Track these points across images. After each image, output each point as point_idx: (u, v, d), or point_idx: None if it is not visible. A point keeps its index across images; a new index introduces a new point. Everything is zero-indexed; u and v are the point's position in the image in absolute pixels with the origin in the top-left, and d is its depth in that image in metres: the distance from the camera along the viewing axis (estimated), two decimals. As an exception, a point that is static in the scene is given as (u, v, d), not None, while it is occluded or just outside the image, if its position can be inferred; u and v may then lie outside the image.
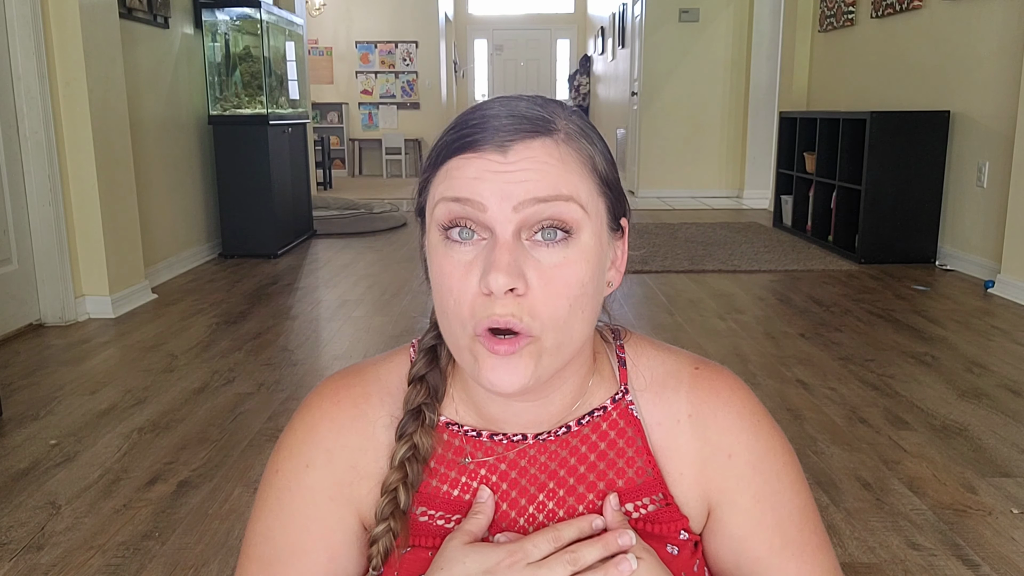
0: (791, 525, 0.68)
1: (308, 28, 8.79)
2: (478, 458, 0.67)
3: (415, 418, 0.66)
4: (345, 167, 11.21)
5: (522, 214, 0.57)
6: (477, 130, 0.58)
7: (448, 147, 0.60)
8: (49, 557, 1.61)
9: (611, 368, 0.70)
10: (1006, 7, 3.87)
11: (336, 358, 2.92)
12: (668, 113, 7.97)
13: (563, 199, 0.57)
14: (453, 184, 0.58)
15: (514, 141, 0.58)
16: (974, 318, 3.33)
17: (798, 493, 0.69)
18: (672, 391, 0.69)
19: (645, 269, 4.37)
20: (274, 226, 4.81)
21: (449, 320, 0.60)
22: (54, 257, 3.29)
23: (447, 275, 0.59)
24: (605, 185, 0.62)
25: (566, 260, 0.58)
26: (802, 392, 2.50)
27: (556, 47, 13.41)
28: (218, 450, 2.11)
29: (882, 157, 4.38)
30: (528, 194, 0.57)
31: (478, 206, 0.57)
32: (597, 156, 0.61)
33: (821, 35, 6.04)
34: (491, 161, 0.57)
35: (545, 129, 0.59)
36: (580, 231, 0.58)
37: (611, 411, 0.68)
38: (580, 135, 0.61)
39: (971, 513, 1.75)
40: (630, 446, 0.67)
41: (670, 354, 0.72)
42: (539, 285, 0.57)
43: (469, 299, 0.58)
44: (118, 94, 3.54)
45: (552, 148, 0.58)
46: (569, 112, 0.62)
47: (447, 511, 0.66)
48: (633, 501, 0.66)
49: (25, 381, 2.64)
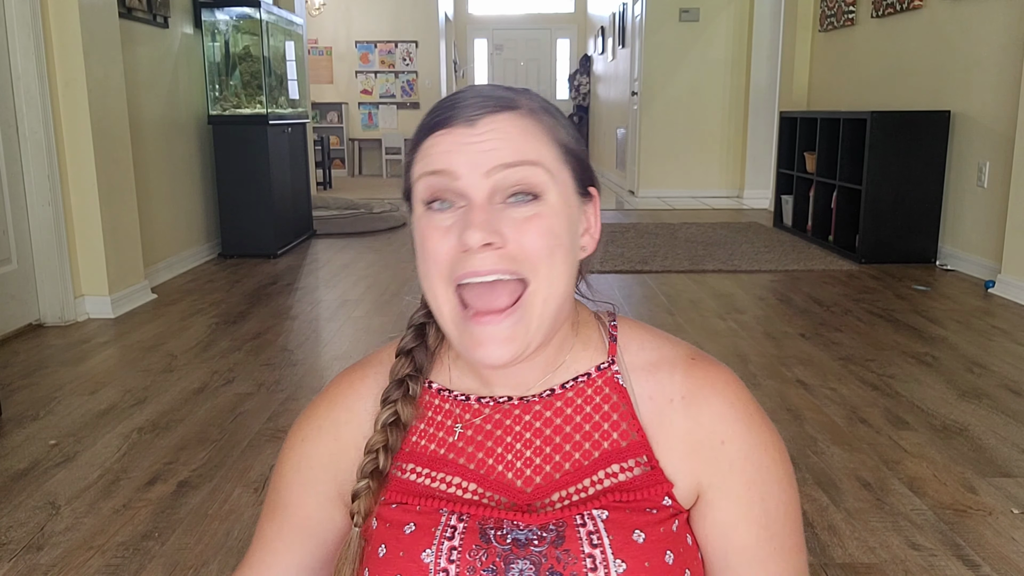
0: (776, 520, 0.69)
1: (308, 28, 8.79)
2: (468, 423, 0.71)
3: (398, 387, 0.72)
4: (345, 167, 11.21)
5: (492, 179, 0.63)
6: (447, 110, 0.66)
7: (424, 128, 0.67)
8: (49, 557, 1.61)
9: (601, 341, 0.73)
10: (1006, 7, 3.87)
11: (336, 358, 2.92)
12: (668, 113, 7.96)
13: (528, 163, 0.64)
14: (429, 160, 0.65)
15: (481, 115, 0.64)
16: (974, 318, 3.33)
17: (784, 489, 0.69)
18: (667, 373, 0.71)
19: (645, 269, 4.37)
20: (274, 226, 4.81)
21: (432, 282, 0.66)
22: (54, 257, 3.29)
23: (427, 238, 0.65)
24: (568, 154, 0.67)
25: (537, 214, 0.64)
26: (802, 392, 2.50)
27: (556, 47, 13.40)
28: (218, 450, 2.11)
29: (882, 157, 4.38)
30: (496, 160, 0.63)
31: (452, 175, 0.63)
32: (559, 128, 0.67)
33: (821, 35, 6.04)
34: (461, 134, 0.64)
35: (509, 105, 0.65)
36: (547, 192, 0.65)
37: (596, 378, 0.71)
38: (542, 111, 0.67)
39: (971, 513, 1.75)
40: (615, 411, 0.70)
41: (667, 341, 0.74)
42: (515, 237, 0.63)
43: (448, 256, 0.64)
44: (118, 94, 3.54)
45: (516, 119, 0.65)
46: (531, 94, 0.68)
47: (432, 468, 0.70)
48: (618, 462, 0.68)
49: (25, 381, 2.64)
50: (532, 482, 0.68)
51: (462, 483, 0.69)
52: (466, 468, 0.70)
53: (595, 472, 0.68)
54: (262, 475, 1.96)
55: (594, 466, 0.68)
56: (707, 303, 3.65)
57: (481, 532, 0.65)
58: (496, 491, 0.68)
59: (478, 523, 0.66)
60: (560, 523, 0.65)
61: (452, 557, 0.65)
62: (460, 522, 0.66)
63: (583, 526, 0.64)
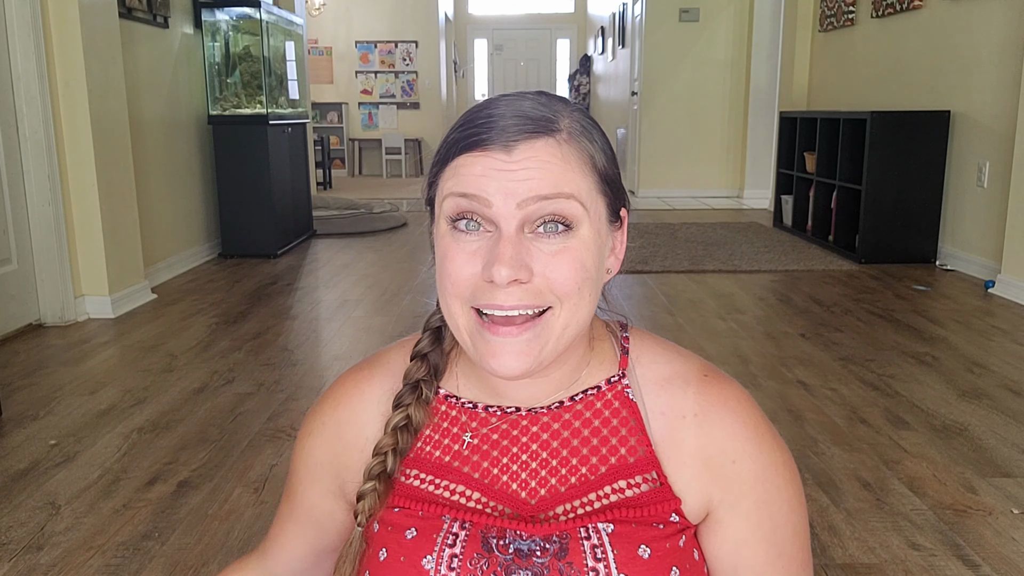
0: (785, 539, 0.69)
1: (308, 28, 8.78)
2: (476, 431, 0.70)
3: (412, 391, 0.71)
4: (345, 167, 11.21)
5: (525, 210, 0.60)
6: (484, 129, 0.62)
7: (456, 144, 0.63)
8: (49, 557, 1.61)
9: (613, 354, 0.72)
10: (1006, 7, 3.87)
11: (336, 358, 2.92)
12: (668, 113, 7.96)
13: (564, 196, 0.61)
14: (460, 180, 0.62)
15: (519, 141, 0.61)
16: (974, 318, 3.33)
17: (794, 509, 0.69)
18: (679, 389, 0.70)
19: (645, 269, 4.37)
20: (274, 226, 4.81)
21: (448, 300, 0.64)
22: (54, 257, 3.29)
23: (451, 260, 0.63)
24: (604, 183, 0.65)
25: (566, 248, 0.62)
26: (802, 392, 2.50)
27: (556, 47, 13.40)
28: (218, 450, 2.11)
29: (882, 157, 4.38)
30: (531, 192, 0.60)
31: (484, 202, 0.61)
32: (597, 154, 0.64)
33: (821, 35, 6.04)
34: (497, 160, 0.61)
35: (548, 129, 0.62)
36: (579, 226, 0.62)
37: (606, 391, 0.70)
38: (582, 133, 0.64)
39: (971, 513, 1.75)
40: (624, 425, 0.69)
41: (679, 355, 0.73)
42: (542, 272, 0.61)
43: (470, 280, 0.62)
44: (118, 94, 3.54)
45: (555, 148, 0.62)
46: (572, 109, 0.65)
47: (437, 475, 0.70)
48: (626, 478, 0.67)
49: (25, 381, 2.64)
50: (537, 494, 0.68)
51: (466, 491, 0.69)
52: (470, 477, 0.69)
53: (601, 487, 0.67)
54: (262, 475, 1.96)
55: (600, 481, 0.67)
56: (707, 303, 3.65)
57: (483, 540, 0.65)
58: (500, 501, 0.68)
59: (480, 531, 0.65)
60: (564, 535, 0.64)
61: (453, 564, 0.64)
62: (462, 530, 0.66)
63: (587, 539, 0.64)
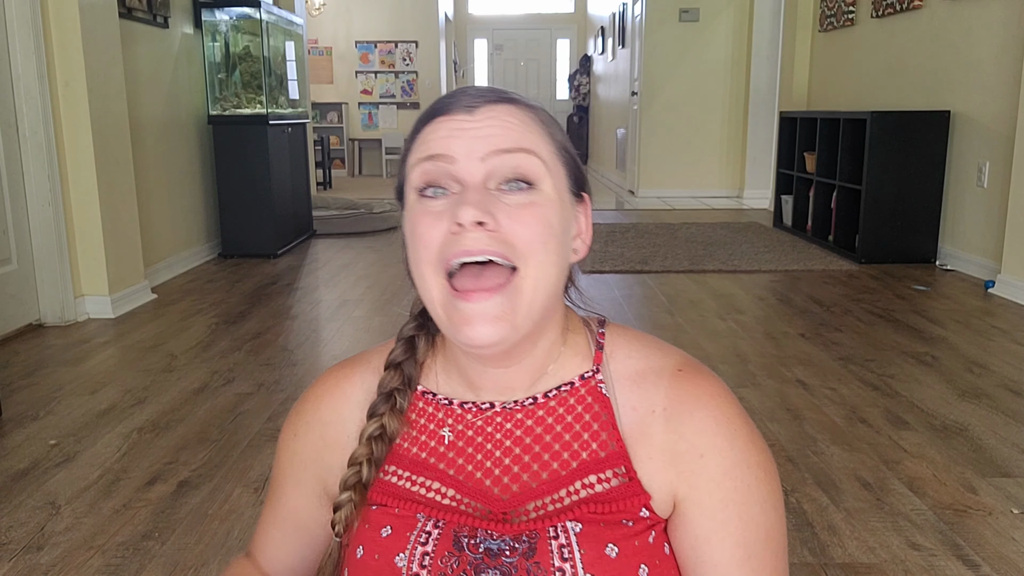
0: (756, 541, 0.66)
1: (308, 28, 8.78)
2: (453, 427, 0.71)
3: (386, 400, 0.71)
4: (345, 167, 11.21)
5: (488, 164, 0.63)
6: (446, 101, 0.67)
7: (422, 118, 0.68)
8: (49, 557, 1.61)
9: (588, 348, 0.72)
10: (1006, 7, 3.87)
11: (336, 358, 2.92)
12: (668, 113, 7.96)
13: (524, 151, 0.64)
14: (426, 145, 0.65)
15: (479, 104, 0.65)
16: (974, 318, 3.33)
17: (766, 511, 0.67)
18: (652, 383, 0.69)
19: (645, 269, 4.37)
20: (274, 226, 4.81)
21: (422, 269, 0.65)
22: (54, 257, 3.29)
23: (418, 224, 0.64)
24: (563, 151, 0.68)
25: (532, 203, 0.64)
26: (802, 392, 2.50)
27: (556, 47, 13.40)
28: (218, 450, 2.11)
29: (882, 157, 4.38)
30: (493, 146, 0.63)
31: (448, 159, 0.64)
32: (555, 128, 0.69)
33: (821, 35, 6.04)
34: (459, 120, 0.64)
35: (507, 99, 0.67)
36: (542, 182, 0.65)
37: (579, 387, 0.70)
38: (539, 110, 0.69)
39: (971, 513, 1.75)
40: (596, 420, 0.69)
41: (657, 350, 0.72)
42: (508, 222, 0.62)
43: (438, 240, 0.63)
44: (118, 94, 3.54)
45: (514, 110, 0.66)
46: (528, 99, 0.70)
47: (414, 472, 0.71)
48: (596, 473, 0.67)
49: (25, 381, 2.64)
50: (509, 490, 0.68)
51: (441, 488, 0.69)
52: (446, 474, 0.70)
53: (572, 482, 0.67)
54: (262, 475, 1.96)
55: (571, 476, 0.67)
56: (707, 303, 3.65)
57: (455, 539, 0.66)
58: (474, 498, 0.68)
59: (453, 530, 0.66)
60: (533, 534, 0.65)
61: (424, 563, 0.65)
62: (435, 528, 0.67)
63: (555, 539, 0.64)
